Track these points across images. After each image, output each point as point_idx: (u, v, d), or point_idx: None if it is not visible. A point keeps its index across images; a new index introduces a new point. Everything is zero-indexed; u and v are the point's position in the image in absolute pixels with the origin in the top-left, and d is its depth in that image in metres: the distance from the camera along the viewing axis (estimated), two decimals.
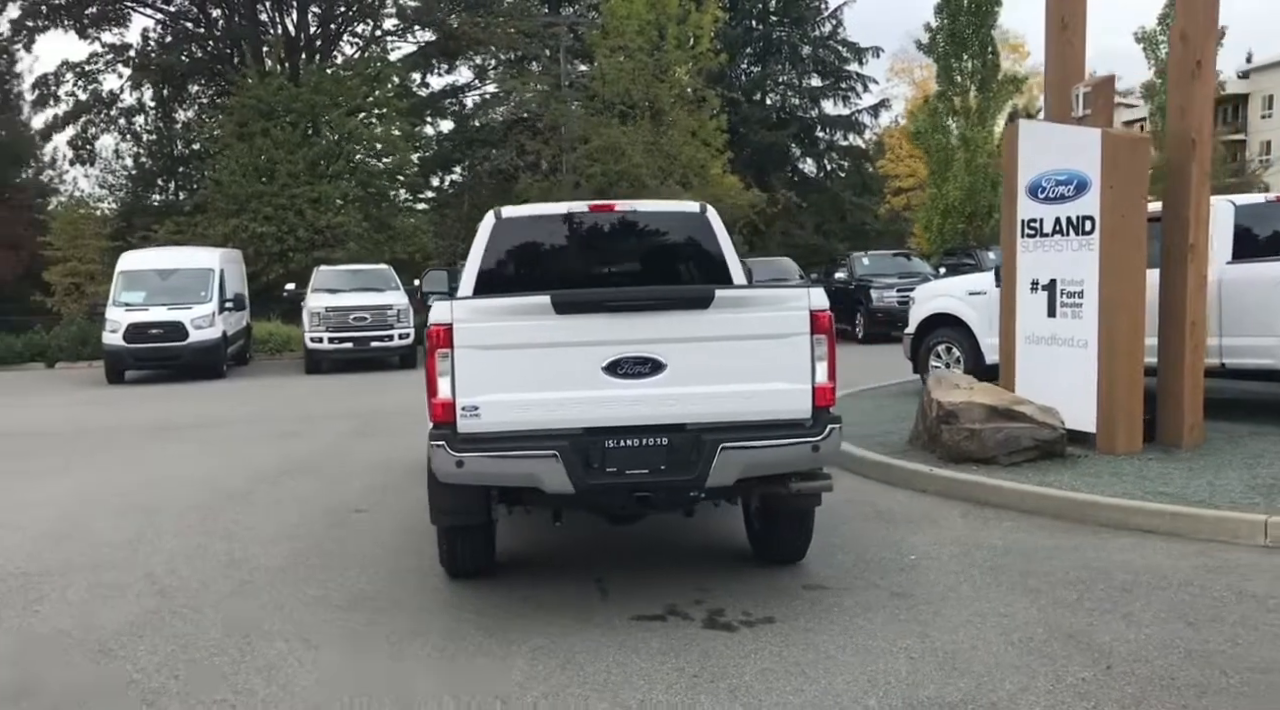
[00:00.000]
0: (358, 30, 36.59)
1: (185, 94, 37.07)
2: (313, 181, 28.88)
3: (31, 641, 4.90)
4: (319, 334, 19.03)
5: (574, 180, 33.00)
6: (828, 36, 47.00)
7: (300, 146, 29.18)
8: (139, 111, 36.40)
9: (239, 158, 29.01)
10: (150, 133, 36.77)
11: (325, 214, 28.53)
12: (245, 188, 28.52)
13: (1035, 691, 4.09)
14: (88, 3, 32.77)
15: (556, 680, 4.29)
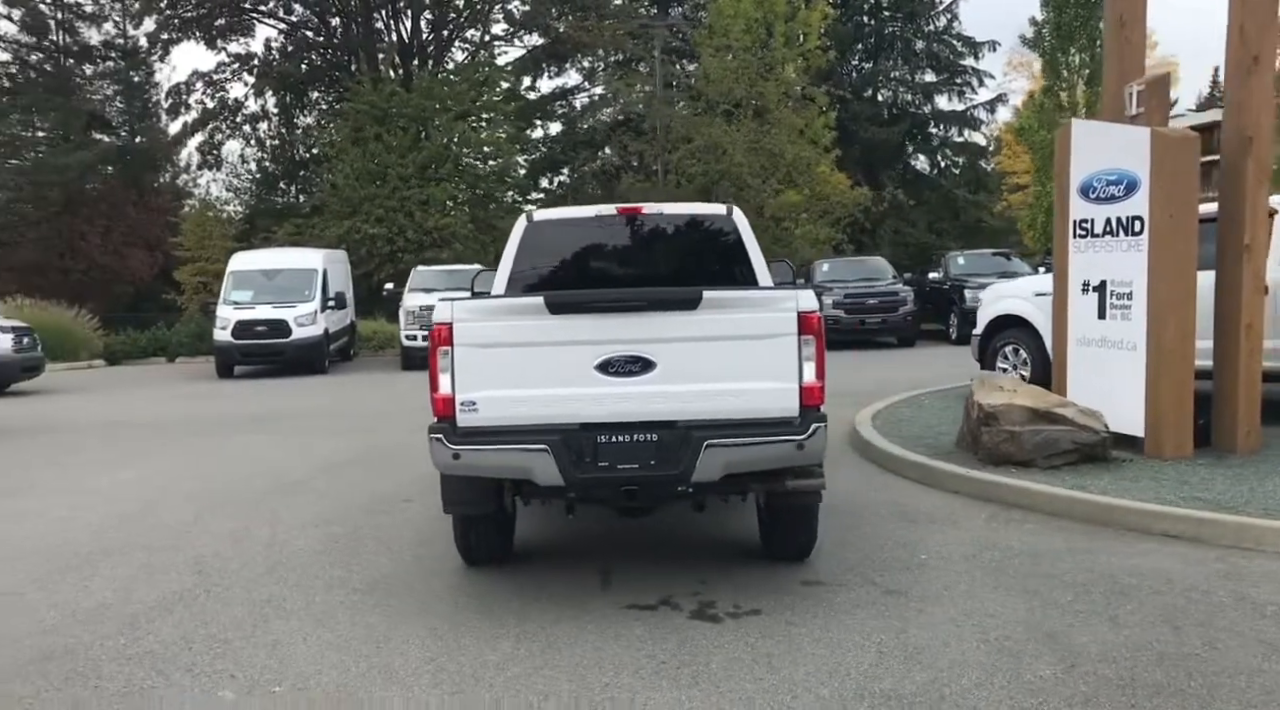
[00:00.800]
0: (468, 35, 37.44)
1: (306, 100, 38.54)
2: (422, 184, 29.78)
3: (74, 613, 5.34)
4: (413, 331, 19.69)
5: (675, 180, 33.27)
6: (942, 31, 46.21)
7: (410, 150, 30.11)
8: (262, 118, 37.95)
9: (353, 162, 30.10)
10: (273, 138, 38.34)
11: (433, 216, 29.38)
12: (359, 191, 29.57)
13: (989, 687, 4.16)
14: (216, 15, 34.33)
15: (533, 662, 4.53)
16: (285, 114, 38.68)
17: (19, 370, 17.58)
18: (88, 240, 37.49)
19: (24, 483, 9.23)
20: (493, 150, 32.23)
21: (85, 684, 4.36)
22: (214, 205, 34.47)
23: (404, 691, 4.22)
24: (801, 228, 32.14)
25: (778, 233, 32.40)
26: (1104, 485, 7.21)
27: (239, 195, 36.89)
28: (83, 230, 37.45)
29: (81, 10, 39.33)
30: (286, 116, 38.76)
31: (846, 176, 35.50)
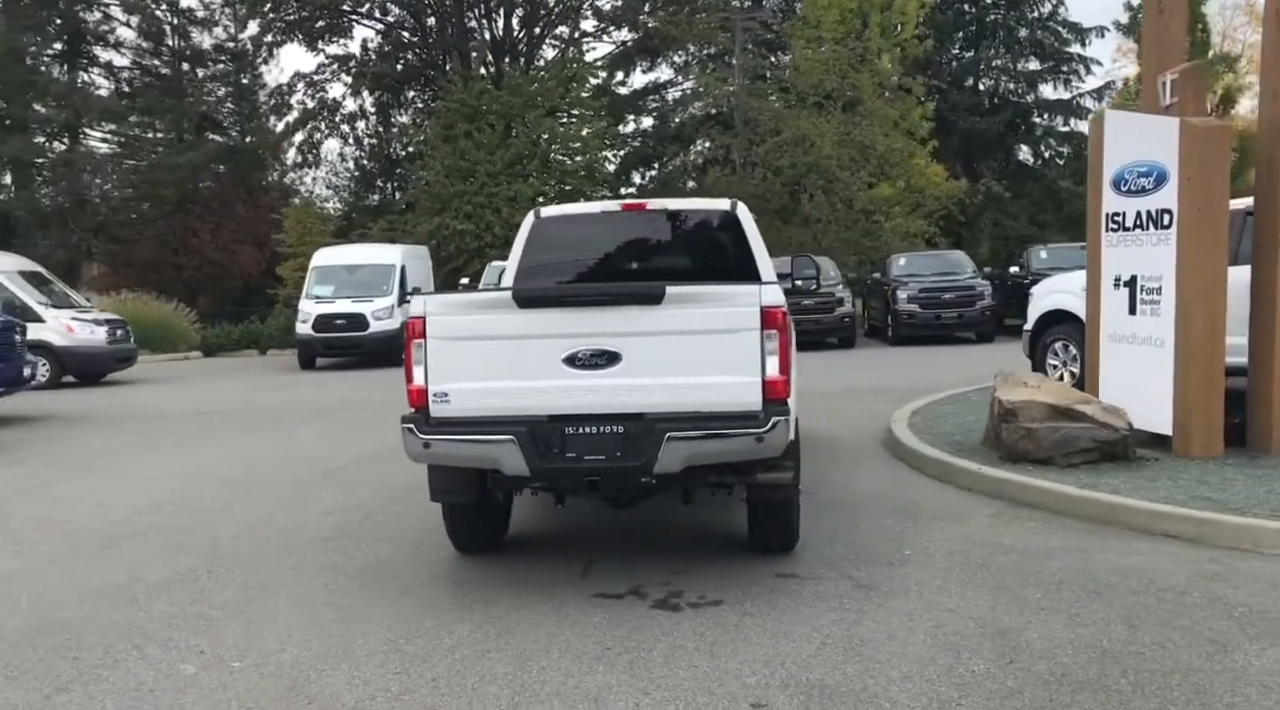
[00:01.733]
0: (558, 32, 37.90)
1: (403, 99, 39.46)
2: (509, 180, 30.24)
3: (83, 590, 5.70)
4: None
5: (762, 173, 33.18)
6: (1047, 17, 44.99)
7: (499, 147, 30.59)
8: (360, 117, 38.99)
9: (443, 159, 30.73)
10: (370, 136, 39.36)
11: (520, 212, 29.81)
12: (448, 188, 30.18)
13: (916, 679, 4.20)
14: (317, 18, 35.38)
15: (485, 646, 4.70)
16: (382, 113, 39.67)
17: (113, 361, 18.51)
18: (200, 237, 38.97)
19: (91, 467, 9.78)
20: (580, 146, 32.52)
21: (65, 655, 4.68)
22: (314, 202, 35.55)
23: (351, 670, 4.43)
24: (891, 221, 31.75)
25: (867, 226, 32.09)
26: (1117, 484, 7.08)
27: (338, 192, 38.01)
28: (195, 228, 38.95)
29: (194, 16, 40.95)
30: (383, 115, 39.75)
31: (944, 168, 34.95)
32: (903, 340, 20.95)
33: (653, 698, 4.09)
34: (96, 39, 40.90)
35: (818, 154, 31.88)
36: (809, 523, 6.78)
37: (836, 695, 4.08)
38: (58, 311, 17.87)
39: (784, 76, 34.39)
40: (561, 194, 33.15)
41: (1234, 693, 4.01)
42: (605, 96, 40.15)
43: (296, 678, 4.35)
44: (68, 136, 39.58)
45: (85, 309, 19.13)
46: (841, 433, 10.33)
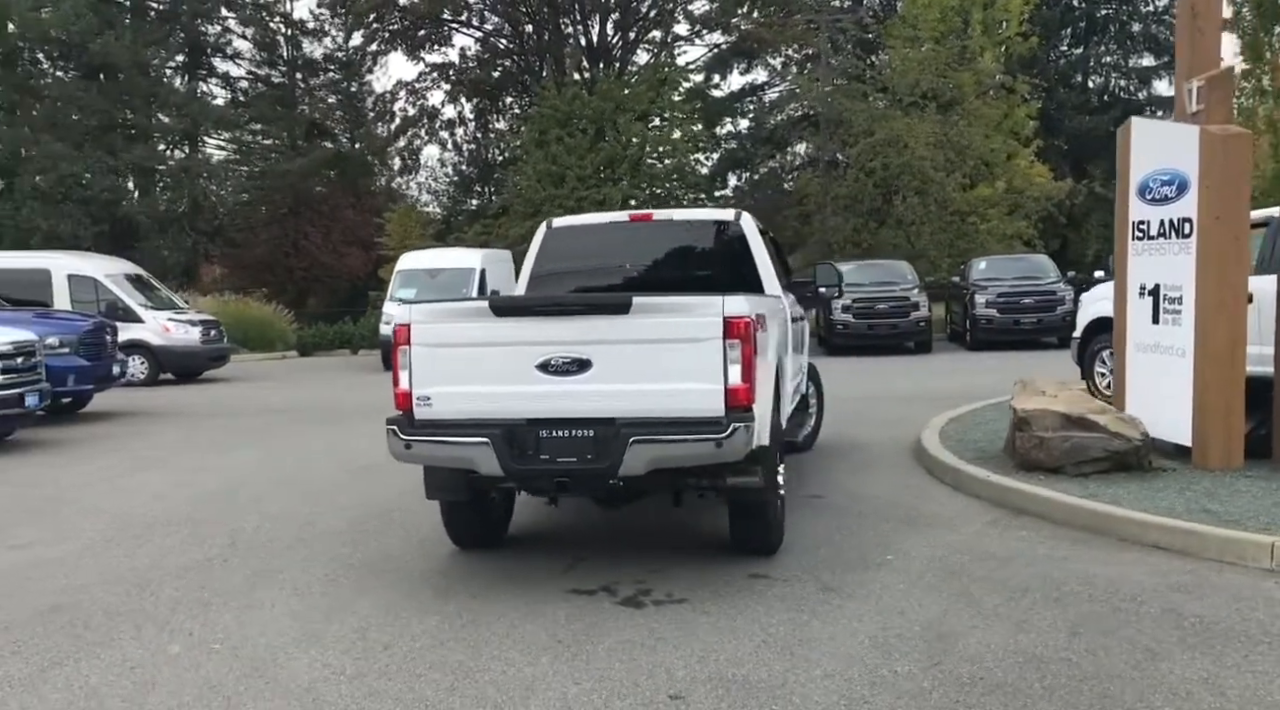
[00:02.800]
0: (652, 37, 38.24)
1: (500, 105, 40.32)
2: (599, 184, 30.72)
3: (105, 574, 6.20)
4: None
5: (854, 175, 32.99)
6: (1162, 11, 43.66)
7: (590, 152, 31.09)
8: (458, 123, 39.97)
9: (535, 164, 31.37)
10: (469, 142, 40.33)
11: None
12: (539, 192, 30.80)
13: (837, 678, 4.38)
14: (419, 27, 36.42)
15: (447, 636, 5.02)
16: (480, 119, 40.59)
17: (207, 359, 19.50)
18: (310, 240, 40.42)
19: (158, 460, 10.44)
20: (669, 149, 32.80)
21: (70, 633, 5.15)
22: (415, 206, 36.60)
23: (318, 654, 4.79)
24: (988, 223, 31.26)
25: (962, 228, 31.65)
26: (1121, 494, 7.08)
27: (437, 197, 39.05)
28: (306, 231, 40.41)
29: (305, 27, 42.52)
30: (481, 121, 40.66)
31: (1049, 168, 34.26)
32: (981, 345, 20.72)
33: (581, 687, 4.35)
34: (215, 51, 42.78)
35: (911, 155, 31.60)
36: (806, 525, 6.99)
37: (753, 690, 4.28)
38: (156, 313, 18.89)
39: (879, 77, 34.07)
40: (652, 197, 33.54)
41: (1141, 699, 4.11)
42: (699, 100, 40.43)
43: (266, 660, 4.73)
44: (187, 144, 41.49)
45: (182, 310, 20.15)
46: (878, 438, 10.41)
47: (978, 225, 31.15)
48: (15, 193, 35.40)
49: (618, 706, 4.16)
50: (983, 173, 32.09)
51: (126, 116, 38.42)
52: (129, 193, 37.38)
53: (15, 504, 8.36)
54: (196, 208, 40.09)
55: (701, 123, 41.60)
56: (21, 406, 11.03)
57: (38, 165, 34.53)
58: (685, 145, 33.37)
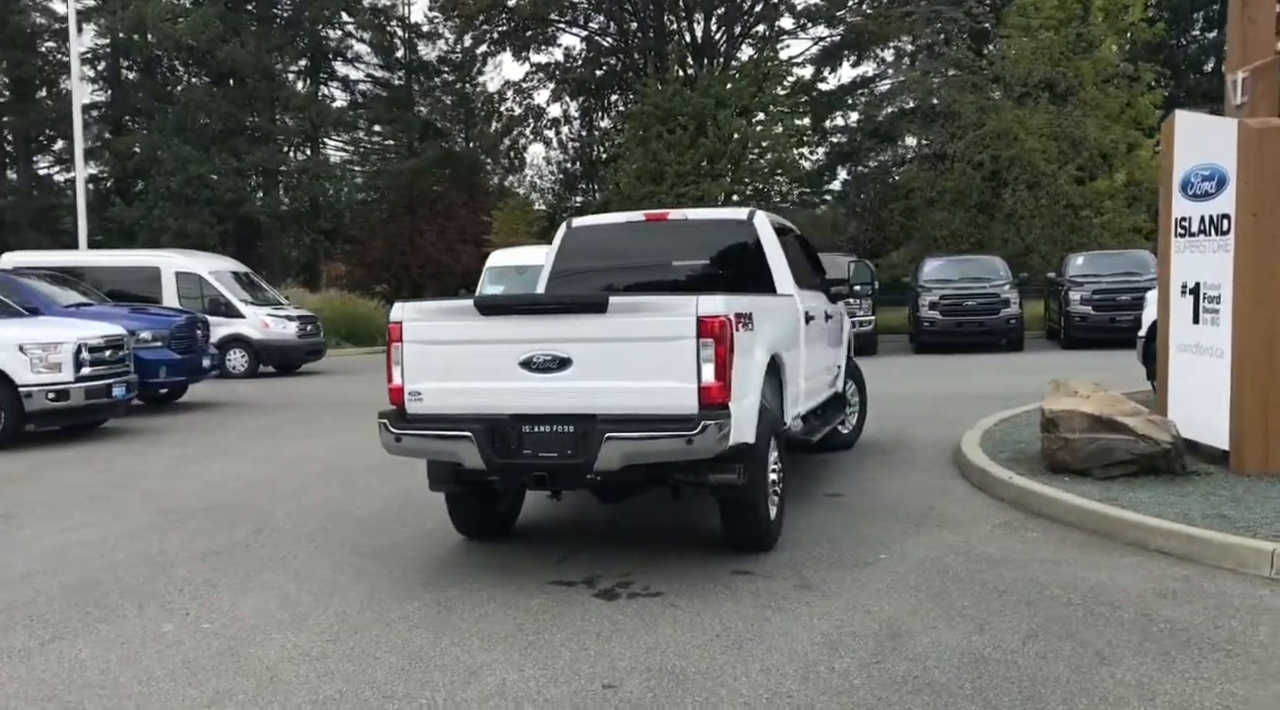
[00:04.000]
0: (757, 31, 38.10)
1: (605, 103, 40.75)
2: (698, 181, 30.82)
3: (135, 556, 6.62)
4: None
5: (961, 167, 32.34)
6: None
7: (689, 148, 31.21)
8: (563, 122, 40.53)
9: (635, 161, 31.66)
10: (574, 140, 40.85)
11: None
12: (639, 189, 31.07)
13: (772, 673, 4.45)
14: (525, 28, 37.07)
15: (418, 621, 5.24)
16: (585, 117, 41.07)
17: (303, 353, 20.31)
18: (425, 237, 41.53)
19: (227, 449, 10.99)
20: (770, 144, 32.67)
21: (81, 610, 5.54)
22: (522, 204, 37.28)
23: (293, 636, 5.06)
24: (1102, 216, 30.28)
25: (1075, 222, 30.73)
26: (1141, 498, 6.93)
27: (543, 195, 39.69)
28: (421, 229, 41.55)
29: (420, 30, 43.69)
30: (586, 119, 41.14)
31: None
32: (1075, 343, 20.15)
33: (523, 674, 4.52)
34: (336, 55, 44.28)
35: (1021, 147, 30.83)
36: (813, 522, 7.05)
37: (686, 681, 4.40)
38: (257, 309, 19.75)
39: (991, 68, 33.31)
40: (756, 193, 33.51)
41: (1065, 702, 4.10)
42: (805, 94, 40.14)
43: (244, 640, 5.02)
44: (308, 146, 43.08)
45: (281, 306, 20.99)
46: (929, 437, 10.30)
47: (1091, 219, 30.21)
48: (148, 194, 37.31)
49: (551, 692, 4.32)
50: (1099, 165, 31.08)
51: (251, 120, 40.09)
52: (253, 193, 38.93)
53: (83, 489, 8.93)
54: (316, 207, 41.59)
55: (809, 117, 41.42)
56: (109, 397, 11.71)
57: (168, 167, 36.30)
58: (787, 140, 33.18)
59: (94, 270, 19.57)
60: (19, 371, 10.99)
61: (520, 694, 4.30)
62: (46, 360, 11.11)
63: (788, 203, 38.85)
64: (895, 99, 40.67)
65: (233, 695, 4.35)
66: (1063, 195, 30.50)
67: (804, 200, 41.75)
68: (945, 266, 22.37)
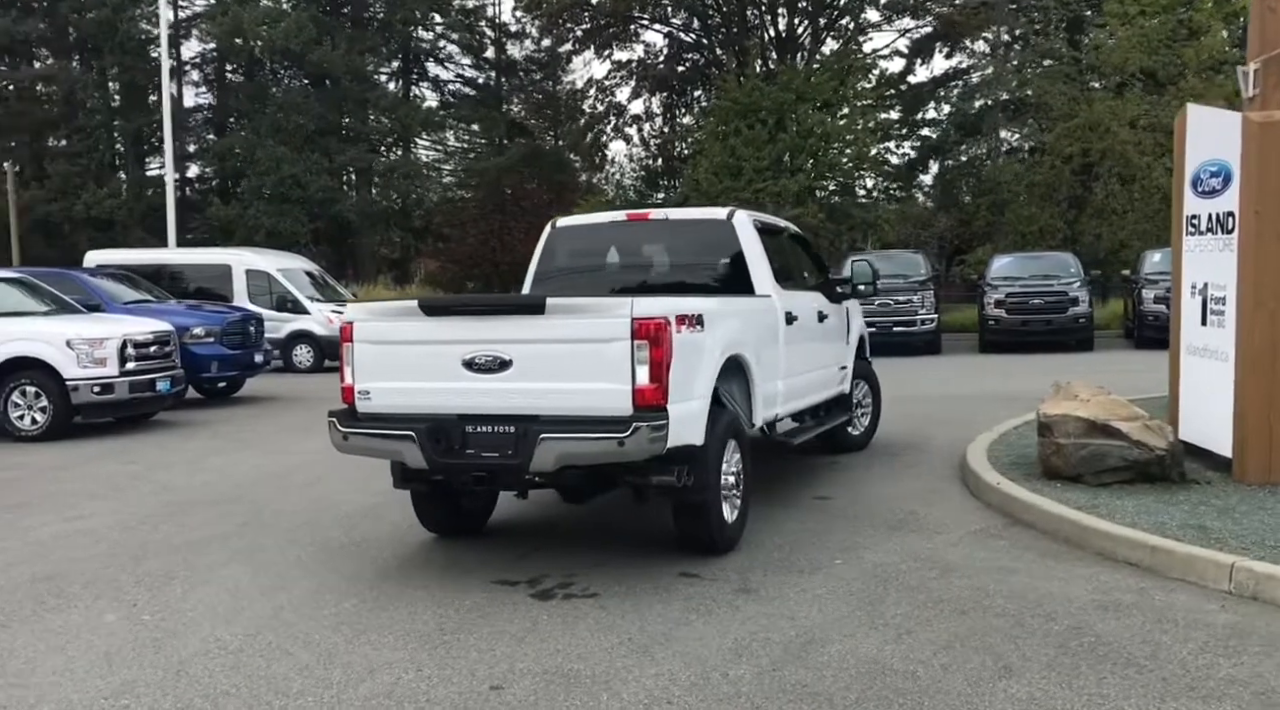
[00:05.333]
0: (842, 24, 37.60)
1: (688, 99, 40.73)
2: (776, 176, 30.50)
3: (120, 545, 6.88)
4: None
5: (1049, 161, 31.49)
6: None
7: (767, 143, 30.90)
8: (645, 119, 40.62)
9: (713, 157, 31.49)
10: (655, 137, 40.86)
11: (784, 207, 30.01)
12: (716, 185, 30.89)
13: (660, 678, 4.44)
14: (608, 26, 37.23)
15: (348, 618, 5.32)
16: (667, 113, 41.09)
17: None
18: (513, 234, 42.01)
19: (257, 443, 11.34)
20: (852, 139, 32.14)
21: (40, 599, 5.75)
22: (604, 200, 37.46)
23: (222, 629, 5.19)
24: None
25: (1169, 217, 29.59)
26: (1125, 506, 6.70)
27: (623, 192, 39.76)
28: (510, 226, 42.04)
29: (508, 29, 44.23)
30: (668, 115, 41.16)
31: None
32: (1148, 343, 19.40)
33: (420, 673, 4.58)
34: (427, 56, 45.09)
35: (1114, 139, 29.89)
36: (785, 525, 7.01)
37: (574, 684, 4.41)
38: (322, 305, 20.25)
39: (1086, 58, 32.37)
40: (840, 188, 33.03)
41: None
42: (891, 87, 39.46)
43: (174, 632, 5.18)
44: (400, 146, 43.95)
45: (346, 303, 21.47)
46: (948, 439, 10.07)
47: None
48: (244, 194, 38.50)
49: (437, 693, 4.37)
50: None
51: (343, 121, 41.05)
52: (344, 192, 39.88)
53: (107, 480, 9.30)
54: (406, 206, 42.42)
55: (898, 110, 40.72)
56: (153, 391, 12.17)
57: (262, 168, 37.39)
58: (869, 135, 32.63)
59: (173, 268, 20.34)
60: (66, 366, 11.48)
61: (406, 694, 4.35)
62: (92, 355, 11.58)
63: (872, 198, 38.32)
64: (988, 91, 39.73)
65: (134, 687, 4.49)
66: (1158, 189, 29.44)
67: (890, 195, 41.09)
68: (1014, 263, 21.80)
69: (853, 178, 33.16)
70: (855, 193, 34.52)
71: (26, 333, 11.74)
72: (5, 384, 11.56)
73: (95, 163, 40.84)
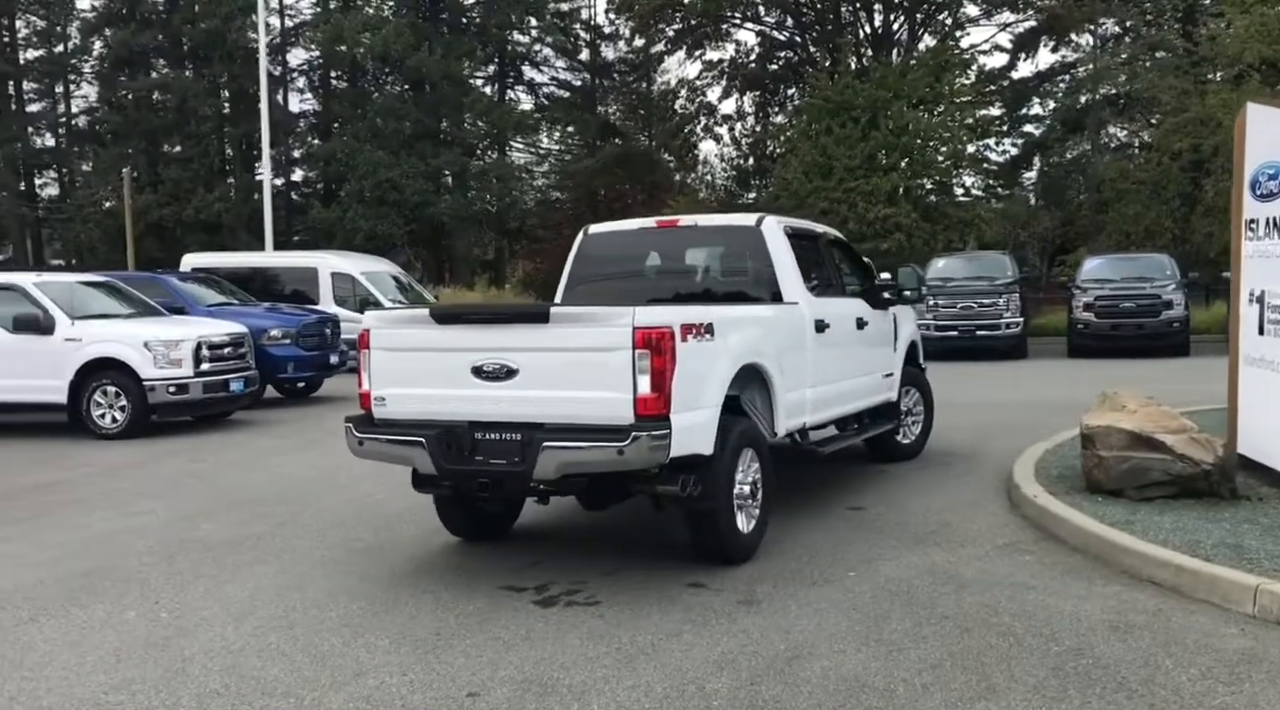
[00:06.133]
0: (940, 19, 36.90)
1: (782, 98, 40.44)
2: (868, 175, 30.07)
3: (160, 543, 7.12)
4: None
5: (1156, 158, 30.44)
6: None
7: (859, 142, 30.49)
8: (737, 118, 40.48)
9: (803, 156, 31.21)
10: (747, 136, 40.69)
11: (875, 207, 29.60)
12: (806, 184, 30.62)
13: (637, 690, 4.43)
14: (698, 27, 37.22)
15: (348, 620, 5.41)
16: (759, 112, 40.87)
17: None
18: None
19: (318, 443, 11.54)
20: (948, 136, 31.50)
21: (75, 595, 5.98)
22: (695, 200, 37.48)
23: (230, 629, 5.33)
24: None
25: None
26: (1162, 523, 6.46)
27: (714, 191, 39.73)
28: None
29: (602, 31, 44.49)
30: (760, 114, 40.93)
31: None
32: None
33: (404, 678, 4.65)
34: (523, 59, 45.64)
35: (1227, 133, 28.72)
36: (810, 536, 6.96)
37: (550, 693, 4.43)
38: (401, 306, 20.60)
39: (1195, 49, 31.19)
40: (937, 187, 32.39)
41: None
42: (991, 83, 38.60)
43: (185, 630, 5.34)
44: (495, 149, 44.56)
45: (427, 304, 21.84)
46: (1003, 449, 9.74)
47: None
48: (345, 198, 39.47)
49: (415, 699, 4.43)
50: None
51: (440, 126, 41.80)
52: (438, 195, 40.56)
53: (165, 478, 9.66)
54: (502, 207, 42.98)
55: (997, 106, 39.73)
56: (227, 391, 12.57)
57: (360, 172, 38.29)
58: (966, 132, 31.94)
59: (265, 271, 20.95)
60: (144, 366, 11.94)
61: (384, 698, 4.42)
62: (168, 356, 12.02)
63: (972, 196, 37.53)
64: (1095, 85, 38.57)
65: (133, 683, 4.65)
66: None
67: (992, 193, 40.23)
68: (1106, 265, 21.12)
69: (950, 176, 32.51)
70: (953, 191, 33.89)
71: (109, 335, 12.23)
72: (88, 384, 12.06)
73: (205, 168, 42.34)
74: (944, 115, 31.71)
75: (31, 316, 12.16)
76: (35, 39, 46.89)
